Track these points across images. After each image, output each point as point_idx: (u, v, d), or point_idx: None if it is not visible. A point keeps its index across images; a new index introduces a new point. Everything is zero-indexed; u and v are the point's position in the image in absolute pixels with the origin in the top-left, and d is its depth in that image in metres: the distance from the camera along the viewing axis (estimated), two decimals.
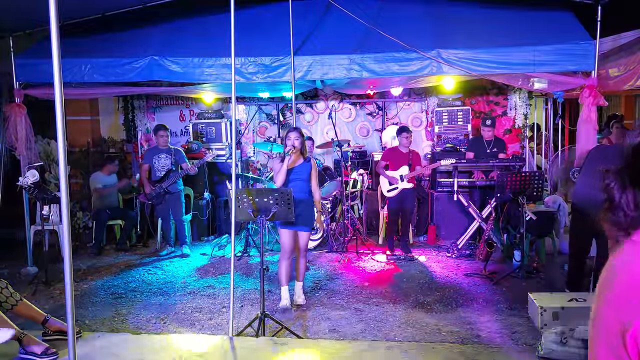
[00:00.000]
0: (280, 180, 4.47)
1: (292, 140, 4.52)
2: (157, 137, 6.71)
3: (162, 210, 6.65)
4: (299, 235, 4.58)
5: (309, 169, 4.62)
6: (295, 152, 4.51)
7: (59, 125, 2.42)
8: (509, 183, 5.12)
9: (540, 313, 3.36)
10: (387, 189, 6.36)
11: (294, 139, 4.52)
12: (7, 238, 6.93)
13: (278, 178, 4.49)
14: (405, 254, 6.22)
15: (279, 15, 5.86)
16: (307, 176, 4.61)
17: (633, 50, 5.06)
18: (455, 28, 5.63)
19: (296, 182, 4.52)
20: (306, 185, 4.59)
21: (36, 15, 5.13)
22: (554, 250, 5.78)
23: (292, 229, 4.50)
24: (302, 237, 4.61)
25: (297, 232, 4.55)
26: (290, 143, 4.52)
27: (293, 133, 4.56)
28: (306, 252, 4.72)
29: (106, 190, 7.02)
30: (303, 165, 4.60)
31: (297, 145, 4.52)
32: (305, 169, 4.60)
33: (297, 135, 4.54)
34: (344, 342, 3.74)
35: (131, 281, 5.50)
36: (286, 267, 4.57)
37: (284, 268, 4.56)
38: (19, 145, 5.79)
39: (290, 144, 4.51)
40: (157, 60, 5.63)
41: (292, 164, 4.55)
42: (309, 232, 4.68)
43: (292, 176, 4.55)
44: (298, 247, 4.61)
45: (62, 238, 6.00)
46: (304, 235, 4.62)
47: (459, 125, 7.55)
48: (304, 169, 4.59)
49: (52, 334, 3.75)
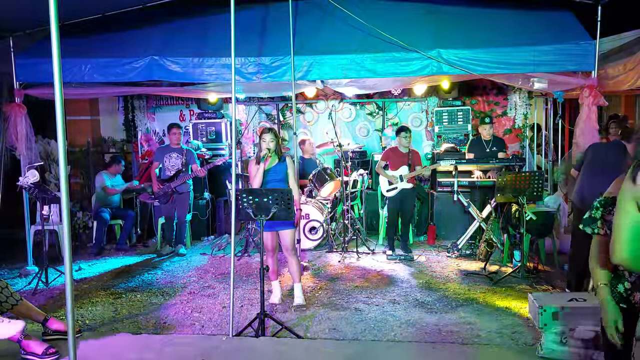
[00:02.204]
0: (257, 182, 4.44)
1: (267, 143, 4.46)
2: (170, 134, 6.72)
3: (167, 210, 6.64)
4: (280, 235, 4.52)
5: (285, 169, 4.56)
6: (270, 154, 4.48)
7: (59, 125, 2.42)
8: (508, 183, 5.11)
9: (540, 313, 3.35)
10: (386, 188, 6.36)
11: (269, 141, 4.46)
12: (7, 238, 6.93)
13: (255, 181, 4.46)
14: (405, 254, 6.22)
15: (279, 15, 5.86)
16: (284, 176, 4.55)
17: (633, 50, 5.06)
18: (456, 28, 5.63)
19: (272, 183, 4.49)
20: (283, 185, 4.51)
21: (36, 15, 5.13)
22: (554, 250, 5.78)
23: (272, 230, 4.47)
24: (284, 236, 4.50)
25: (279, 232, 4.51)
26: (265, 146, 4.46)
27: (268, 135, 4.48)
28: (295, 251, 4.61)
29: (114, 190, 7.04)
30: (278, 165, 4.54)
31: (271, 148, 4.46)
32: (281, 170, 4.55)
33: (271, 138, 4.47)
34: (344, 342, 3.74)
35: (131, 281, 5.50)
36: (272, 264, 4.61)
37: (271, 265, 4.59)
38: (19, 145, 5.79)
39: (265, 146, 4.45)
40: (157, 60, 5.63)
41: (268, 165, 4.51)
42: (291, 230, 4.51)
43: (269, 177, 4.50)
44: (285, 248, 4.55)
45: (62, 238, 6.00)
46: (286, 234, 4.49)
47: (459, 125, 7.56)
48: (279, 169, 4.54)
49: (52, 334, 3.75)
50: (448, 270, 5.68)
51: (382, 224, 6.91)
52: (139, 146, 8.55)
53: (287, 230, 4.49)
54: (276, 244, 4.61)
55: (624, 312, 2.10)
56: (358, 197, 7.30)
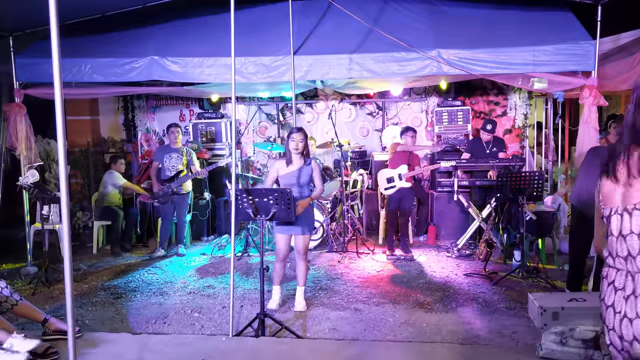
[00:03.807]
0: (282, 183, 4.32)
1: (297, 143, 4.25)
2: (169, 134, 6.71)
3: (166, 210, 6.64)
4: (295, 238, 4.43)
5: (310, 172, 4.38)
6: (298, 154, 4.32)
7: (59, 125, 2.42)
8: (508, 183, 5.12)
9: (540, 313, 3.35)
10: (384, 186, 6.36)
11: (299, 141, 4.25)
12: (7, 238, 6.93)
13: (281, 181, 4.35)
14: (405, 254, 6.23)
15: (279, 15, 5.86)
16: (308, 180, 4.37)
17: (633, 50, 5.06)
18: (456, 28, 5.63)
19: (295, 186, 4.33)
20: (306, 189, 4.38)
21: (36, 15, 5.13)
22: (554, 250, 5.78)
23: (288, 233, 4.39)
24: (300, 241, 4.40)
25: (295, 235, 4.43)
26: (293, 145, 4.26)
27: (298, 134, 4.26)
28: (306, 255, 4.50)
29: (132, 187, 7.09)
30: (303, 168, 4.35)
31: (300, 149, 4.27)
32: (306, 173, 4.36)
33: (301, 138, 4.26)
34: (344, 342, 3.74)
35: (131, 281, 5.50)
36: (280, 269, 4.53)
37: (278, 270, 4.52)
38: (19, 145, 5.80)
39: (293, 146, 4.26)
40: (157, 60, 5.63)
41: (292, 167, 4.36)
42: (307, 235, 4.43)
43: (291, 180, 4.32)
44: (297, 251, 4.48)
45: (62, 238, 6.00)
46: (301, 239, 4.40)
47: (459, 125, 7.56)
48: (304, 172, 4.35)
49: (52, 334, 3.75)
50: (448, 270, 5.68)
51: (382, 224, 6.91)
52: (139, 146, 8.56)
53: (303, 236, 4.40)
54: (289, 250, 4.51)
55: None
56: (358, 197, 7.31)
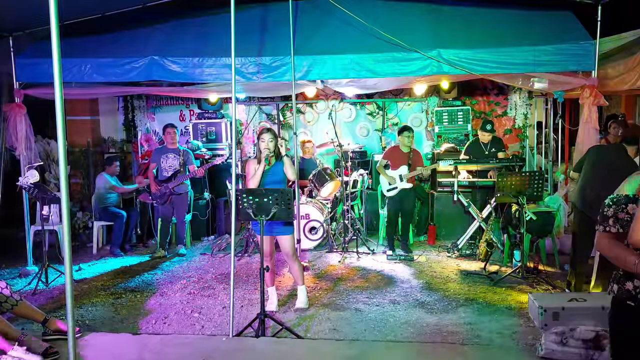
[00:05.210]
0: (254, 183, 4.28)
1: (267, 143, 4.27)
2: (165, 134, 6.71)
3: (165, 211, 6.63)
4: (278, 240, 4.37)
5: (281, 167, 4.36)
6: (272, 155, 4.32)
7: (59, 125, 2.42)
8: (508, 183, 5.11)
9: (540, 313, 3.35)
10: (386, 188, 6.36)
11: (268, 141, 4.28)
12: (7, 238, 6.93)
13: (252, 181, 4.30)
14: (405, 254, 6.22)
15: (279, 15, 5.86)
16: (282, 176, 4.36)
17: (633, 50, 5.06)
18: (456, 28, 5.63)
19: (270, 184, 4.28)
20: (281, 186, 4.31)
21: (36, 15, 5.13)
22: (554, 250, 5.78)
23: (269, 235, 4.31)
24: (282, 242, 4.34)
25: (277, 237, 4.35)
26: (264, 146, 4.27)
27: (267, 135, 4.31)
28: (295, 255, 4.45)
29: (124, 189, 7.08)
30: (276, 165, 4.37)
31: (270, 148, 4.28)
32: (279, 169, 4.36)
33: (270, 137, 4.30)
34: (344, 343, 3.74)
35: (131, 281, 5.50)
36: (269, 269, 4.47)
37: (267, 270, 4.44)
38: (19, 145, 5.79)
39: (264, 146, 4.27)
40: (157, 60, 5.63)
41: (264, 166, 4.34)
42: (289, 235, 4.34)
43: (267, 179, 4.32)
44: (285, 254, 4.42)
45: (62, 238, 6.00)
46: (284, 240, 4.33)
47: (459, 125, 7.55)
48: (277, 169, 4.36)
49: (52, 334, 3.75)
50: (448, 270, 5.68)
51: (382, 224, 6.91)
52: (139, 146, 8.55)
53: (285, 237, 4.33)
54: (273, 249, 4.49)
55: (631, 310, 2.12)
56: (358, 197, 7.30)
